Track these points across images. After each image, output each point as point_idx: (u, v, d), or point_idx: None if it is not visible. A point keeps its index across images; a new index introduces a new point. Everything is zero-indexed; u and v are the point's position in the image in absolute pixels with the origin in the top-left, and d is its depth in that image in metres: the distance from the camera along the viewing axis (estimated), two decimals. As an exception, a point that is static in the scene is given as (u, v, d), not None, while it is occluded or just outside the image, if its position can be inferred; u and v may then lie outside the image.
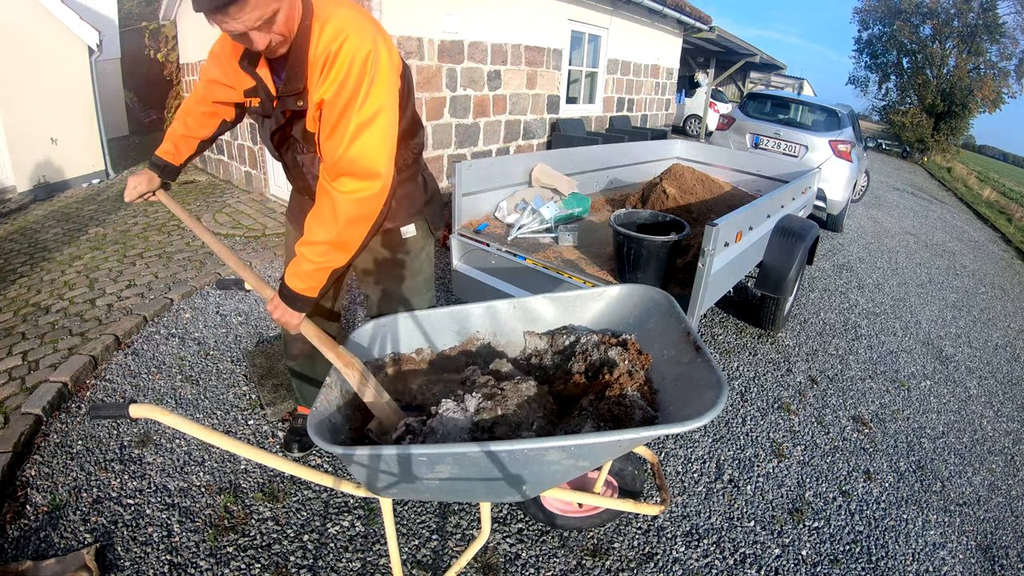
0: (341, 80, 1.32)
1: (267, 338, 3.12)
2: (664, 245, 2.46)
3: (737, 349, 3.53)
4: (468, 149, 5.67)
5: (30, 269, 3.95)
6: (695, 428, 1.76)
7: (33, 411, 2.31)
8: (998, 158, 41.71)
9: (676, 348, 1.41)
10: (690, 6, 8.75)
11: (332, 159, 1.36)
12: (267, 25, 1.27)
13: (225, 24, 1.24)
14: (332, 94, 1.34)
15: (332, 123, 1.35)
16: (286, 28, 1.30)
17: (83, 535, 1.83)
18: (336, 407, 1.38)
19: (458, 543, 1.91)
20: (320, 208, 1.39)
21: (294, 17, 1.31)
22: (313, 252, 1.39)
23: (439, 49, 4.97)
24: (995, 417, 3.38)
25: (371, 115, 1.34)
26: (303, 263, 1.41)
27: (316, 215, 1.41)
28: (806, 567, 2.01)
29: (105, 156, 6.90)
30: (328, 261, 1.41)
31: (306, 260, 1.40)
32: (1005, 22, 20.47)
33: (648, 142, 5.14)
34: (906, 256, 6.53)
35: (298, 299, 1.42)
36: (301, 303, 1.43)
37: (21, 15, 5.77)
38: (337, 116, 1.34)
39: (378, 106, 1.35)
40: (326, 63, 1.33)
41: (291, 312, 1.43)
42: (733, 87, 18.70)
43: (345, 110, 1.33)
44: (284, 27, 1.30)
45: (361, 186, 1.35)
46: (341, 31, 1.33)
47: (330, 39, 1.32)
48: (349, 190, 1.35)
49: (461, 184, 3.01)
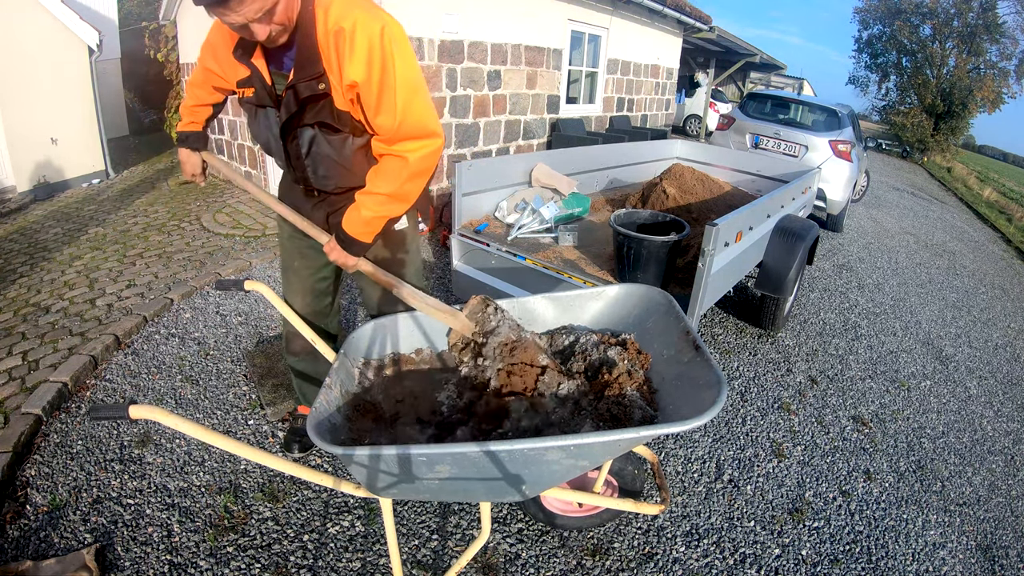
0: (368, 58, 1.35)
1: (267, 338, 3.12)
2: (664, 245, 2.46)
3: (737, 349, 3.53)
4: (468, 149, 5.67)
5: (30, 269, 3.95)
6: (695, 427, 1.77)
7: (33, 411, 2.31)
8: (998, 158, 41.67)
9: (675, 347, 1.41)
10: (690, 6, 8.74)
11: (391, 130, 1.44)
12: (267, 16, 1.28)
13: (226, 16, 1.25)
14: (364, 75, 1.37)
15: (376, 99, 1.40)
16: (286, 17, 1.32)
17: (83, 535, 1.83)
18: (336, 407, 1.38)
19: (458, 543, 1.91)
20: (386, 165, 1.49)
21: (293, 6, 1.33)
22: (374, 202, 1.49)
23: (439, 49, 4.97)
24: (995, 417, 3.38)
25: (412, 82, 1.42)
26: (362, 210, 1.50)
27: (381, 171, 1.50)
28: (806, 567, 2.01)
29: (105, 156, 6.90)
30: (387, 211, 1.52)
31: (366, 208, 1.50)
32: (1005, 22, 20.47)
33: (648, 142, 5.14)
34: (906, 256, 6.53)
35: (354, 243, 1.54)
36: (357, 247, 1.55)
37: (21, 15, 5.77)
38: (378, 92, 1.39)
39: (414, 72, 1.43)
40: (340, 42, 1.35)
41: (347, 255, 1.56)
42: (733, 87, 18.70)
43: (384, 85, 1.39)
44: (284, 16, 1.31)
45: (425, 144, 1.46)
46: (348, 11, 1.35)
47: (338, 18, 1.34)
48: (414, 148, 1.45)
49: (461, 184, 3.00)
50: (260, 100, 1.52)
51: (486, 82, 5.59)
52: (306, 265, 1.88)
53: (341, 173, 1.58)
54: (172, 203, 5.81)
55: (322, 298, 1.97)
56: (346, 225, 1.53)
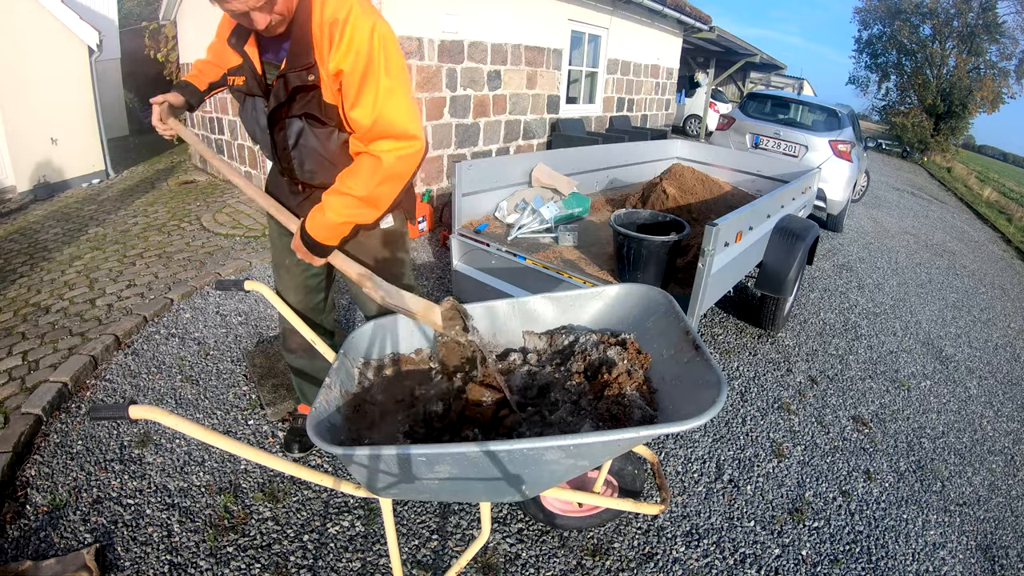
0: (357, 49, 1.35)
1: (267, 338, 3.12)
2: (664, 245, 2.46)
3: (737, 349, 3.53)
4: (468, 149, 5.67)
5: (30, 269, 3.95)
6: (694, 427, 1.77)
7: (33, 411, 2.31)
8: (998, 158, 41.67)
9: (675, 347, 1.41)
10: (690, 6, 8.75)
11: (365, 126, 1.40)
12: (269, 5, 1.29)
13: (227, 4, 1.26)
14: (351, 64, 1.36)
15: (356, 91, 1.38)
16: (285, 7, 1.33)
17: (83, 535, 1.83)
18: (336, 407, 1.38)
19: (458, 543, 1.91)
20: (359, 164, 1.44)
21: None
22: (342, 204, 1.43)
23: (439, 49, 4.97)
24: (995, 417, 3.38)
25: (395, 81, 1.39)
26: (328, 213, 1.44)
27: (353, 170, 1.44)
28: (806, 567, 2.01)
29: (105, 156, 6.90)
30: (355, 215, 1.46)
31: (332, 210, 1.44)
32: (1005, 22, 20.48)
33: (648, 142, 5.14)
34: (906, 256, 6.53)
35: (318, 247, 1.49)
36: (321, 251, 1.50)
37: (21, 15, 5.78)
38: (359, 84, 1.37)
39: (399, 73, 1.40)
40: (334, 32, 1.35)
41: (312, 256, 1.51)
42: (733, 87, 18.70)
43: (366, 78, 1.36)
44: (284, 6, 1.33)
45: (402, 145, 1.41)
46: (344, 4, 1.35)
47: (334, 9, 1.35)
48: (390, 148, 1.40)
49: (461, 184, 3.01)
50: (249, 89, 1.52)
51: (486, 82, 5.59)
52: (296, 262, 1.84)
53: (327, 168, 1.55)
54: (172, 203, 5.81)
55: (314, 295, 1.95)
56: (310, 227, 1.48)
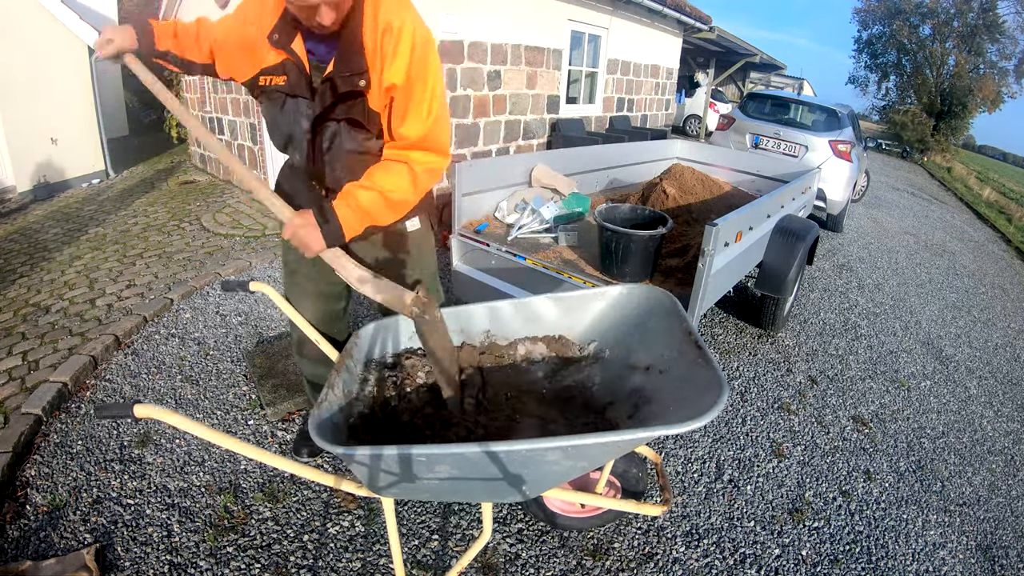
0: (410, 62, 1.35)
1: (267, 338, 3.12)
2: (650, 239, 2.51)
3: (737, 349, 3.53)
4: (468, 149, 5.67)
5: (30, 269, 3.95)
6: (695, 428, 1.76)
7: (33, 411, 2.31)
8: (998, 158, 41.69)
9: (677, 348, 1.41)
10: (690, 6, 8.74)
11: (412, 140, 1.41)
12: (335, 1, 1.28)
13: None
14: (404, 79, 1.36)
15: (405, 107, 1.39)
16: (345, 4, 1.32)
17: (83, 535, 1.83)
18: (338, 407, 1.38)
19: (459, 543, 1.91)
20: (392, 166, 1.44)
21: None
22: (370, 198, 1.41)
23: (439, 49, 4.97)
24: (995, 417, 3.38)
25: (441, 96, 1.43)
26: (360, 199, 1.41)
27: (387, 168, 1.44)
28: (806, 567, 2.01)
29: (105, 156, 6.90)
30: (376, 212, 1.45)
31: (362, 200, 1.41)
32: (1005, 21, 20.49)
33: (648, 142, 5.14)
34: (906, 256, 6.53)
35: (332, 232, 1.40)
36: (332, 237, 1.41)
37: (21, 15, 5.77)
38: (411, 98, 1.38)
39: (442, 87, 1.43)
40: (387, 41, 1.34)
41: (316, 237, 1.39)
42: (733, 87, 18.69)
43: (420, 93, 1.38)
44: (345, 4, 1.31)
45: (435, 159, 1.46)
46: (398, 11, 1.34)
47: (388, 16, 1.34)
48: (425, 161, 1.44)
49: (461, 184, 3.00)
50: (294, 89, 1.44)
51: (486, 82, 5.59)
52: (314, 267, 1.76)
53: (356, 172, 1.49)
54: (172, 203, 5.81)
55: (335, 301, 1.87)
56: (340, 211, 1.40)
